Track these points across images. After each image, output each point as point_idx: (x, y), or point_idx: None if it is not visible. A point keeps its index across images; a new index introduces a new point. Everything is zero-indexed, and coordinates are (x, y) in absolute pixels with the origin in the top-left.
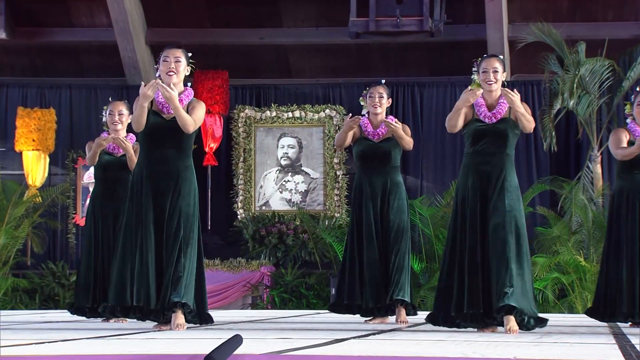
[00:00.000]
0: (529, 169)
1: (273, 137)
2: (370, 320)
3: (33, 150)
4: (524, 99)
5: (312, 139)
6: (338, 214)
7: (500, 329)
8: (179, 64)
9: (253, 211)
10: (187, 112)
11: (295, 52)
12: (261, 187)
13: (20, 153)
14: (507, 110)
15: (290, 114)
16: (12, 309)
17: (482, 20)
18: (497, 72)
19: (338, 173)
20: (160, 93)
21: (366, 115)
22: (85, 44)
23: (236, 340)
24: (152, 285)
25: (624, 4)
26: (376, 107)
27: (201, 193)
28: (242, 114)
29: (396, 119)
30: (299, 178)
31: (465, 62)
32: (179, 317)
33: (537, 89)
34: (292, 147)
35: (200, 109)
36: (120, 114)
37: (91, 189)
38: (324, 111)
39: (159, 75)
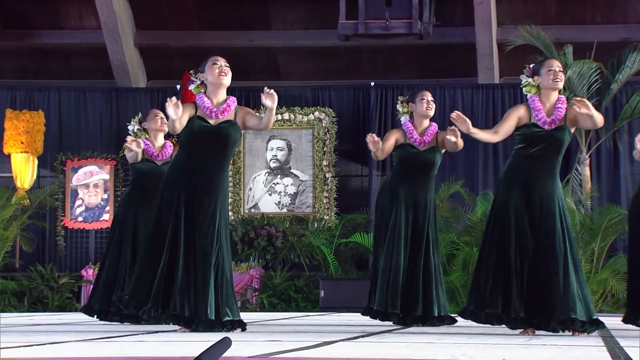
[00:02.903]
0: None
1: (262, 140)
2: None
3: (21, 152)
4: (512, 102)
5: (301, 141)
6: (327, 217)
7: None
8: (228, 68)
9: (242, 213)
10: (235, 118)
11: (285, 55)
12: (250, 189)
13: (9, 155)
14: (564, 117)
15: (279, 117)
16: (1, 311)
17: (471, 23)
18: (562, 71)
19: (327, 175)
20: (205, 100)
21: (409, 120)
22: (74, 46)
23: (225, 343)
24: (194, 295)
25: (612, 7)
26: (429, 110)
27: None
28: None
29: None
30: (288, 180)
31: (454, 64)
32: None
33: None
34: (281, 150)
35: (251, 111)
36: (162, 119)
37: (80, 192)
38: (313, 113)
39: (202, 82)
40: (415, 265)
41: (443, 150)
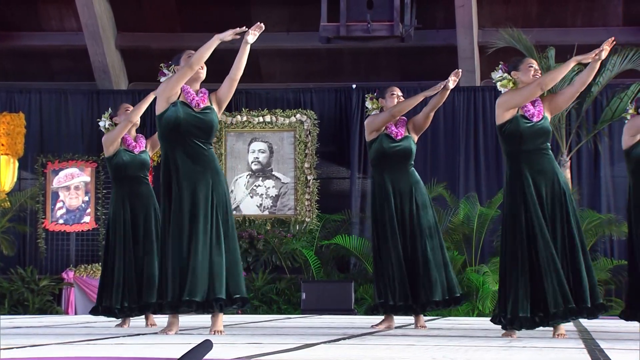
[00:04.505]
0: (499, 173)
1: (244, 142)
2: (377, 324)
3: (2, 154)
4: (493, 104)
5: (282, 143)
6: (309, 219)
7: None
8: (204, 63)
9: None
10: (211, 103)
11: (266, 57)
12: (232, 191)
13: None
14: (543, 108)
15: (261, 119)
16: None
17: (453, 26)
18: (539, 70)
19: (309, 178)
20: (189, 88)
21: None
22: (55, 48)
23: (206, 346)
24: (207, 277)
25: (592, 10)
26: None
27: None
28: None
29: None
30: (269, 183)
31: (435, 67)
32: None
33: None
34: (262, 152)
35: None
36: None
37: (61, 194)
38: (294, 116)
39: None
40: (415, 254)
41: (416, 138)
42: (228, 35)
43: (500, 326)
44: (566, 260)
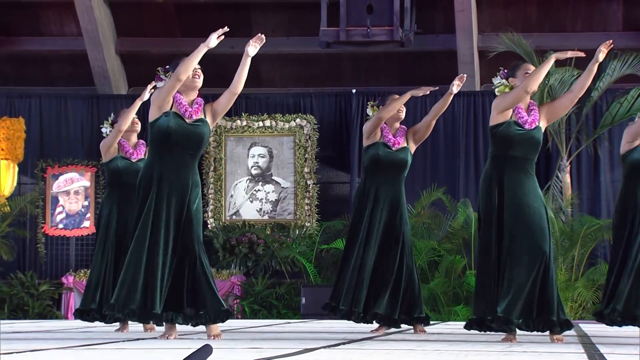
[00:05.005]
0: None
1: (244, 147)
2: (376, 329)
3: (2, 159)
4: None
5: (282, 148)
6: (308, 224)
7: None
8: (200, 71)
9: (223, 220)
10: (205, 116)
11: (266, 62)
12: (232, 196)
13: None
14: (538, 118)
15: (260, 123)
16: None
17: (452, 31)
18: None
19: (308, 182)
20: (182, 98)
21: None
22: (55, 53)
23: (206, 350)
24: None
25: (592, 14)
26: (401, 113)
27: None
28: None
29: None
30: (269, 187)
31: (435, 71)
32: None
33: None
34: (262, 157)
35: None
36: (134, 119)
37: (60, 199)
38: (294, 120)
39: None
40: (387, 265)
41: (413, 150)
42: (213, 40)
43: (470, 328)
44: (537, 274)
